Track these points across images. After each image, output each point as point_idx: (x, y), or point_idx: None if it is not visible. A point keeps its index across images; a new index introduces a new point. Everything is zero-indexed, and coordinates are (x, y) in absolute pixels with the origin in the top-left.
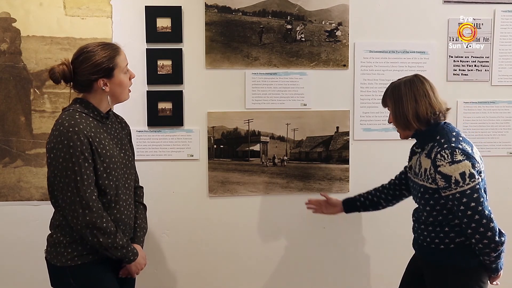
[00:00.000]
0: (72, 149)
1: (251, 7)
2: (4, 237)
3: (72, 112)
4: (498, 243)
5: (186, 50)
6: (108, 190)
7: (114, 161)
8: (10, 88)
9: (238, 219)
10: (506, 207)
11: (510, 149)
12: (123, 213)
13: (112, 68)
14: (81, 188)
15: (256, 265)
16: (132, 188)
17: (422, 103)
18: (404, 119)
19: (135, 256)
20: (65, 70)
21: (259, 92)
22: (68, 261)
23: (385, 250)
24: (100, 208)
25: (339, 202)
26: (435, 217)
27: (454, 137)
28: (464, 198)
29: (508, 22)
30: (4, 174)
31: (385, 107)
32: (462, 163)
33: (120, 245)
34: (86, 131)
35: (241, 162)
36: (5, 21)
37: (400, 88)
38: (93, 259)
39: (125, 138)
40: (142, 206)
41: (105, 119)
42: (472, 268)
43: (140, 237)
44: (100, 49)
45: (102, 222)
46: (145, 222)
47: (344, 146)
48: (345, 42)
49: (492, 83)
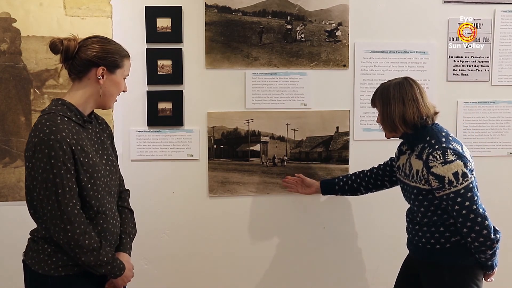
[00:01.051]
0: (53, 159)
1: (251, 7)
2: (4, 237)
3: (53, 116)
4: (494, 240)
5: (186, 50)
6: (94, 202)
7: (97, 170)
8: (10, 88)
9: (238, 219)
10: (506, 207)
11: (510, 149)
12: (109, 222)
13: (117, 65)
14: (62, 202)
15: (256, 265)
16: (116, 195)
17: (410, 107)
18: (391, 122)
19: (121, 271)
20: (70, 44)
21: (259, 92)
22: (51, 270)
23: (385, 250)
24: (83, 222)
25: (315, 183)
26: (430, 218)
27: (444, 137)
28: (458, 197)
29: (508, 22)
30: (4, 174)
31: (374, 107)
32: (454, 163)
33: (105, 261)
34: (69, 138)
35: (241, 162)
36: (5, 21)
37: (389, 90)
38: (78, 271)
39: (107, 141)
40: (127, 210)
41: (87, 123)
42: (468, 266)
43: (127, 244)
44: (115, 43)
45: (85, 239)
46: (132, 226)
47: (344, 146)
48: (345, 42)
49: (492, 83)
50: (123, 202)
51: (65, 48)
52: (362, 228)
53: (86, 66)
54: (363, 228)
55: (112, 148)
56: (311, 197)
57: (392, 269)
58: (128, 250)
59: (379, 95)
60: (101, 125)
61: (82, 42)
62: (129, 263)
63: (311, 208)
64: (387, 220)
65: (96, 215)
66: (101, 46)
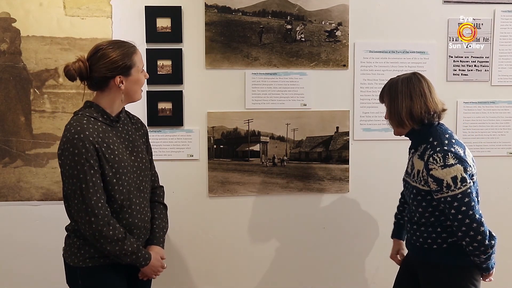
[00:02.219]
0: (77, 156)
1: (251, 7)
2: (4, 237)
3: (80, 117)
4: (488, 246)
5: (186, 50)
6: (118, 195)
7: (124, 166)
8: (10, 88)
9: (238, 219)
10: (506, 207)
11: (510, 149)
12: (136, 217)
13: (129, 66)
14: (86, 196)
15: (256, 265)
16: (147, 190)
17: (417, 102)
18: (398, 117)
19: (147, 261)
20: (81, 66)
21: (259, 92)
22: (80, 262)
23: (385, 250)
24: (107, 215)
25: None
26: (427, 218)
27: (447, 139)
28: (455, 202)
29: (508, 22)
30: (4, 174)
31: (382, 103)
32: (454, 167)
33: (130, 251)
34: (93, 136)
35: (241, 162)
36: (5, 21)
37: (397, 85)
38: (104, 263)
39: (140, 139)
40: (161, 205)
41: (115, 122)
42: (465, 267)
43: (160, 238)
44: (116, 47)
45: (109, 230)
46: (165, 221)
47: (344, 146)
48: (345, 42)
49: (492, 83)
50: (158, 197)
51: (78, 72)
52: (362, 229)
53: (104, 81)
54: (363, 229)
55: (146, 146)
56: (311, 197)
57: (392, 269)
58: (160, 243)
59: (387, 90)
60: (135, 124)
61: (90, 61)
62: (158, 255)
63: (311, 208)
64: (387, 221)
65: (122, 209)
66: (107, 60)
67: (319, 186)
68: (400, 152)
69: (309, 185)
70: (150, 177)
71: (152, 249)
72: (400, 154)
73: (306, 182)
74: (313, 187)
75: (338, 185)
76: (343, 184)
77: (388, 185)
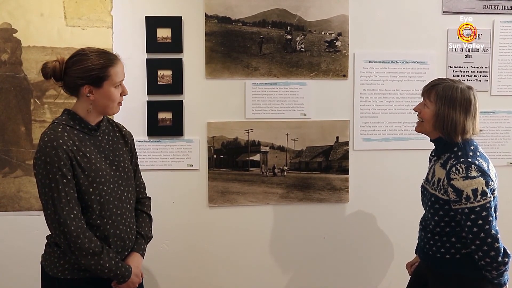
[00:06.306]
0: (49, 165)
1: (251, 17)
2: (4, 247)
3: (56, 125)
4: (501, 263)
5: (186, 60)
6: (96, 205)
7: (101, 175)
8: (11, 98)
9: (238, 229)
10: (506, 218)
11: (510, 159)
12: (117, 227)
13: (102, 78)
14: (58, 206)
15: (256, 274)
16: (130, 200)
17: (471, 120)
18: (446, 126)
19: (126, 279)
20: (56, 67)
21: (259, 102)
22: (59, 273)
23: (385, 261)
24: (80, 227)
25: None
26: (443, 228)
27: (472, 151)
28: (472, 214)
29: (507, 33)
30: (4, 184)
31: (426, 98)
32: (476, 180)
33: (107, 267)
34: (67, 145)
35: (241, 172)
36: (6, 31)
37: (456, 93)
38: (84, 276)
39: (122, 147)
40: (145, 214)
41: (94, 131)
42: (477, 279)
43: (141, 245)
44: (96, 55)
45: (84, 243)
46: (148, 230)
47: (344, 156)
48: (344, 52)
49: (491, 93)
50: (143, 207)
51: (52, 71)
52: (362, 239)
53: (74, 87)
54: (363, 239)
55: (132, 155)
56: (311, 207)
57: (393, 280)
58: (141, 250)
59: (441, 92)
60: (119, 132)
61: (66, 64)
62: (137, 268)
63: (311, 218)
64: (388, 231)
65: (102, 220)
66: (79, 67)
67: (319, 196)
68: (400, 162)
69: (309, 195)
70: (134, 188)
71: (132, 258)
72: (400, 164)
73: (306, 192)
74: (313, 197)
75: (338, 195)
76: (343, 194)
77: (388, 195)
